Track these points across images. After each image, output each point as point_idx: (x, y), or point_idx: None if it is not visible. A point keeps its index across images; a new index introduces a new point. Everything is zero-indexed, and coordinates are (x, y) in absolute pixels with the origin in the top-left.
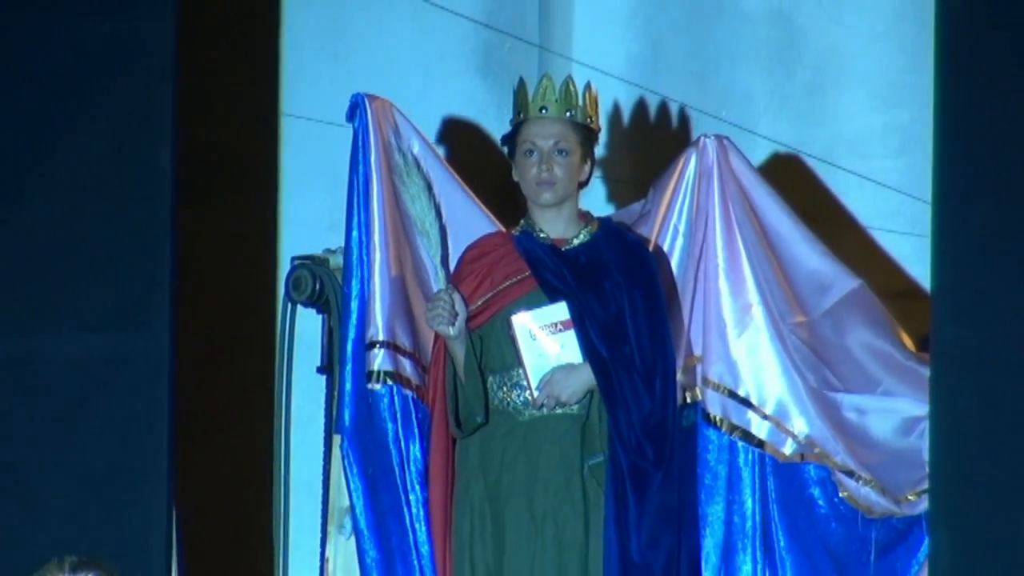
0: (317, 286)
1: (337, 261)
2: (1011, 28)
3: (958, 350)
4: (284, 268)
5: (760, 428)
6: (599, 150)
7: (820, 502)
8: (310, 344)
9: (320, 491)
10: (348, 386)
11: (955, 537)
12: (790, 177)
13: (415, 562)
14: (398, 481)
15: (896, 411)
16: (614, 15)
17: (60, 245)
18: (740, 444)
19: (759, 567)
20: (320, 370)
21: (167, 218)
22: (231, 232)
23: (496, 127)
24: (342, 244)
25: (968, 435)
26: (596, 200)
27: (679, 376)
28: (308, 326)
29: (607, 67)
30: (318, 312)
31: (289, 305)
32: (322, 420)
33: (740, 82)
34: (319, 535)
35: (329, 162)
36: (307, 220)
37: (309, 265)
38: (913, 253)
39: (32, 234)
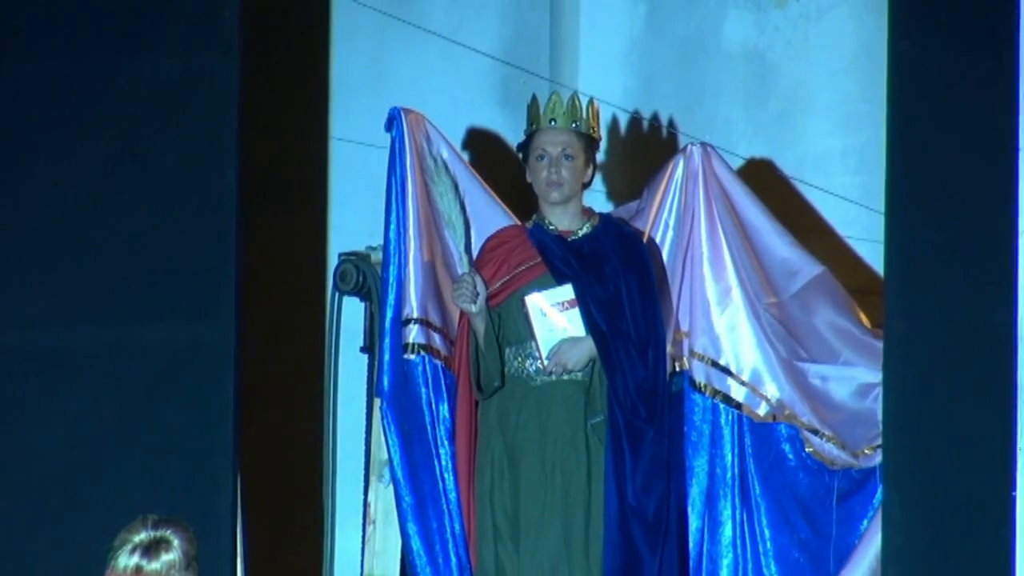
0: (361, 278)
1: (377, 256)
2: (950, 66)
3: (906, 339)
4: (332, 264)
5: (738, 392)
6: (599, 156)
7: (789, 456)
8: (355, 329)
9: (363, 449)
10: (387, 357)
11: (903, 492)
12: (765, 191)
13: (444, 506)
14: (429, 437)
15: (854, 378)
16: (614, 54)
17: (145, 249)
18: (721, 406)
19: (737, 511)
20: (363, 349)
21: (232, 226)
22: (288, 237)
23: (512, 142)
24: (381, 242)
25: (913, 409)
26: (598, 200)
27: (669, 348)
28: (352, 314)
29: (608, 98)
30: (361, 300)
31: (337, 295)
32: (364, 392)
33: (721, 111)
34: (362, 485)
35: (370, 178)
36: (351, 226)
37: (354, 260)
38: (868, 256)
39: (123, 240)
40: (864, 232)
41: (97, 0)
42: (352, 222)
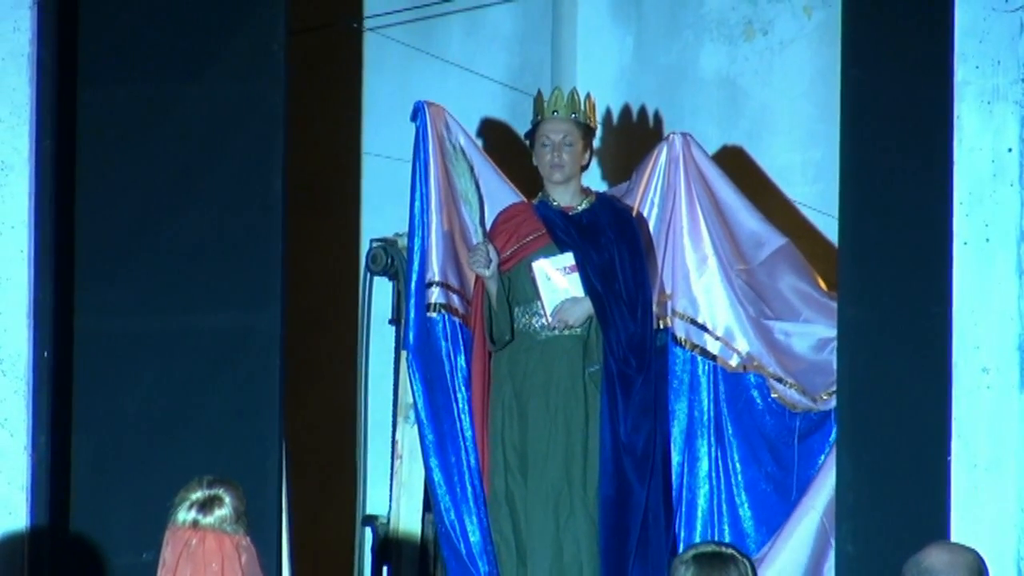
0: (389, 260)
1: (403, 242)
2: (894, 91)
3: (855, 324)
4: (364, 260)
5: (713, 346)
6: (595, 143)
7: (757, 401)
8: (384, 310)
9: (391, 401)
10: (412, 315)
11: (855, 457)
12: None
13: (461, 443)
14: (448, 384)
15: (813, 334)
16: (606, 81)
17: (206, 248)
18: (699, 358)
19: (712, 448)
20: (391, 321)
21: (279, 229)
22: (326, 237)
23: (519, 148)
24: (406, 230)
25: (862, 385)
26: (595, 181)
27: (655, 308)
28: (381, 297)
29: (600, 118)
30: (389, 279)
31: (368, 275)
32: (392, 358)
33: (698, 130)
34: (391, 430)
35: (396, 187)
36: (380, 227)
37: (383, 244)
38: (824, 255)
39: (187, 240)
40: (820, 262)
41: (167, 37)
42: (380, 224)
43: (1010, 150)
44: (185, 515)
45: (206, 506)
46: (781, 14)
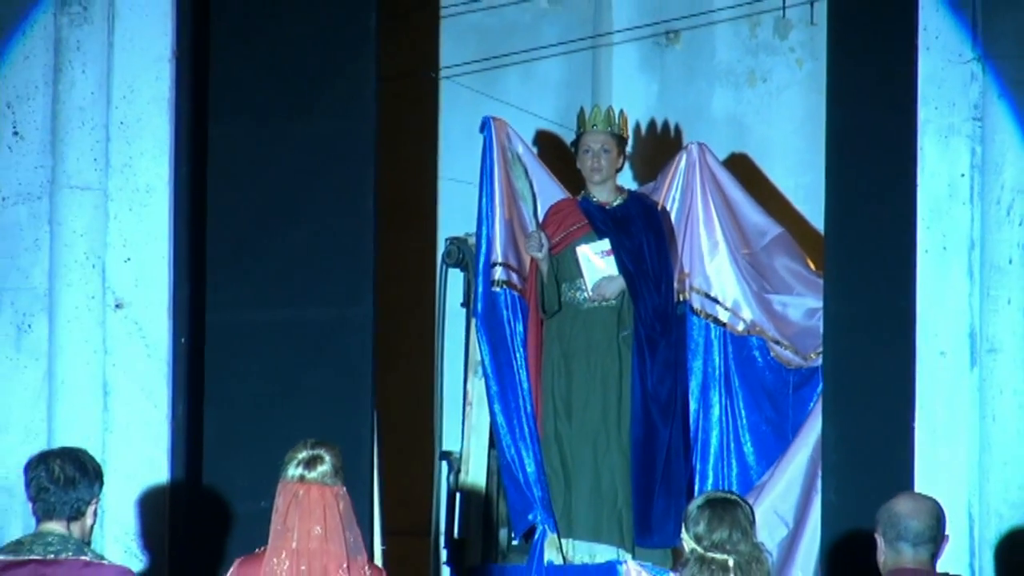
0: (460, 255)
1: (472, 240)
2: (869, 128)
3: (838, 316)
4: (439, 265)
5: (723, 315)
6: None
7: (759, 359)
8: (456, 294)
9: (462, 366)
10: (480, 290)
11: (838, 426)
12: None
13: (519, 392)
14: (509, 345)
15: (804, 304)
16: (634, 120)
17: (310, 254)
18: (711, 325)
19: (722, 398)
20: (462, 304)
21: (371, 240)
22: (410, 246)
23: (568, 166)
24: (474, 231)
25: (844, 364)
26: (627, 181)
27: (675, 284)
28: (454, 284)
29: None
30: (461, 271)
31: (444, 267)
32: (462, 332)
33: None
34: (463, 384)
35: (466, 206)
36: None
37: (456, 242)
38: (812, 244)
39: (296, 248)
40: (808, 248)
41: (280, 83)
42: (453, 232)
43: (963, 175)
44: (293, 471)
45: (310, 463)
46: (777, 65)
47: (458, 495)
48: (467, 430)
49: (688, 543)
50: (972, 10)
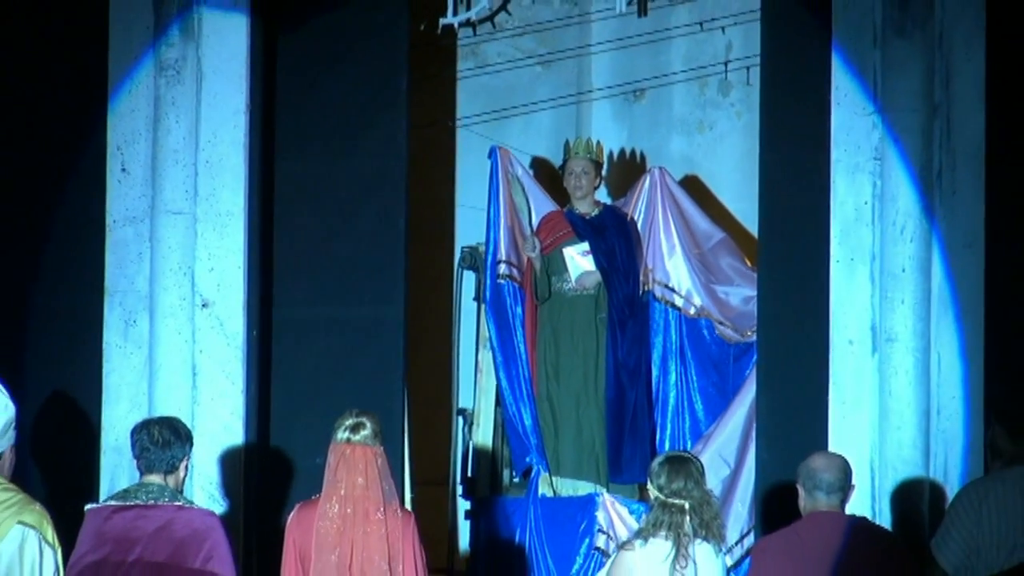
0: (472, 259)
1: (482, 248)
2: (792, 166)
3: (770, 315)
4: (456, 270)
5: (679, 301)
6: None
7: (707, 336)
8: (469, 291)
9: (474, 340)
10: (488, 281)
11: (771, 399)
12: None
13: (519, 362)
14: (511, 324)
15: (742, 293)
16: (607, 157)
17: (353, 264)
18: (669, 309)
19: (678, 366)
20: (474, 298)
21: (402, 251)
22: (434, 259)
23: (557, 185)
24: (484, 240)
25: (774, 351)
26: (603, 196)
27: (641, 277)
28: (467, 284)
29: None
30: (473, 272)
31: (460, 269)
32: (474, 323)
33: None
34: (474, 355)
35: (479, 228)
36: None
37: (469, 250)
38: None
39: (341, 259)
40: (745, 250)
41: (328, 129)
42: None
43: (866, 203)
44: (341, 434)
45: (355, 428)
46: (721, 117)
47: (471, 443)
48: (478, 392)
49: (652, 492)
50: (873, 74)
